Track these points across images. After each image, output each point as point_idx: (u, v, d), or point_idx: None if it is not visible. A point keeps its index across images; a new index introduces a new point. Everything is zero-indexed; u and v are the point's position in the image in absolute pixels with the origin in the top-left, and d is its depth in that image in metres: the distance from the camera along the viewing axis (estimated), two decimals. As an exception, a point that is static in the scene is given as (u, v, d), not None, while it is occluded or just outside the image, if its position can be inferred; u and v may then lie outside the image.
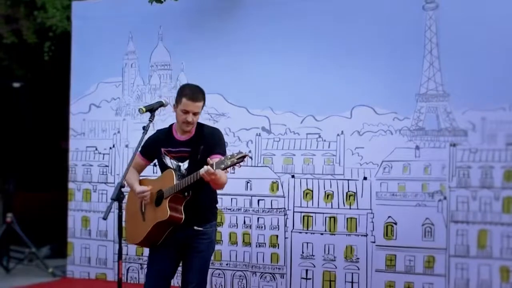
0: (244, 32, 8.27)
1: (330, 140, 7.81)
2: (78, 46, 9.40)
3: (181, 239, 5.35)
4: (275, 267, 8.03)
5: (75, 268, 9.23)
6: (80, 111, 9.28)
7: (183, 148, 5.39)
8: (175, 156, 5.41)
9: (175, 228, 5.32)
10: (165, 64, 8.79)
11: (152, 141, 5.50)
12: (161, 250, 5.47)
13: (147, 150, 5.54)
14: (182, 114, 5.34)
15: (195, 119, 5.36)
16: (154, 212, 5.36)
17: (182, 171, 5.35)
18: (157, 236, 5.37)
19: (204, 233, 5.38)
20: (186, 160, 5.36)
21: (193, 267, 5.32)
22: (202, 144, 5.32)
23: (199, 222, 5.34)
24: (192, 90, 5.40)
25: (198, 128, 5.46)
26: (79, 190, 9.27)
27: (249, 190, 8.12)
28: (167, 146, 5.46)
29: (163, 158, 5.48)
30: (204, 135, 5.40)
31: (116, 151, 9.01)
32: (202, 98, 5.39)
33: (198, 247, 5.34)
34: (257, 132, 8.16)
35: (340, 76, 7.75)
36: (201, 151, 5.30)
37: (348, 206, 7.70)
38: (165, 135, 5.52)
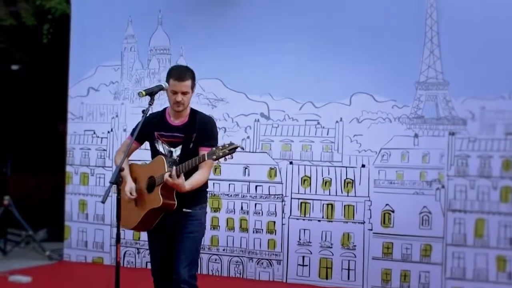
0: (244, 18, 8.25)
1: (329, 127, 7.81)
2: (77, 29, 9.35)
3: (171, 222, 5.35)
4: (272, 253, 8.04)
5: (72, 251, 9.23)
6: (78, 95, 9.25)
7: (176, 134, 5.37)
8: (167, 140, 5.38)
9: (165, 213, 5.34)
10: (164, 49, 8.76)
11: (145, 124, 5.42)
12: (154, 234, 5.51)
13: (139, 133, 5.44)
14: (172, 95, 5.34)
15: (185, 99, 5.31)
16: (146, 198, 5.36)
17: (174, 157, 5.33)
18: (150, 221, 5.39)
19: (194, 215, 5.37)
20: (178, 146, 5.34)
21: (183, 247, 5.30)
22: (195, 132, 5.31)
23: (188, 205, 5.33)
24: (178, 70, 5.42)
25: (191, 114, 5.43)
26: (77, 174, 9.25)
27: (247, 176, 8.12)
28: (160, 129, 5.43)
29: (155, 143, 5.45)
30: (197, 123, 5.37)
31: (114, 135, 8.99)
32: (190, 77, 5.35)
33: (188, 228, 5.33)
34: (255, 118, 8.15)
35: (339, 63, 7.76)
36: (194, 139, 5.29)
37: (346, 194, 7.71)
38: (158, 119, 5.49)
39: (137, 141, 5.54)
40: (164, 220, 5.36)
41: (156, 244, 5.53)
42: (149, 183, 5.35)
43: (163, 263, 5.50)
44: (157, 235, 5.48)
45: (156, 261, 5.57)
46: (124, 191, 5.41)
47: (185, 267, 5.25)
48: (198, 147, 5.22)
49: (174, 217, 5.32)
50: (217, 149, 4.90)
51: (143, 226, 5.48)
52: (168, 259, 5.46)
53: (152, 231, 5.50)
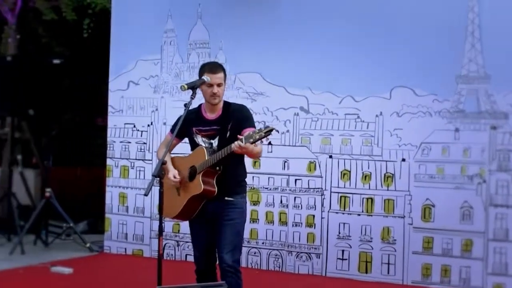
0: (283, 11, 8.24)
1: (369, 121, 7.78)
2: (117, 24, 9.43)
3: (213, 210, 5.44)
4: (311, 247, 8.04)
5: (112, 243, 9.32)
6: (118, 88, 9.32)
7: (213, 127, 5.50)
8: (205, 134, 5.52)
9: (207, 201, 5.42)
10: (203, 43, 8.79)
11: (183, 121, 5.55)
12: (196, 223, 5.62)
13: (178, 130, 5.58)
14: (207, 89, 5.46)
15: (220, 90, 5.46)
16: (188, 187, 5.47)
17: (214, 148, 5.46)
18: (192, 209, 5.48)
19: (235, 203, 5.47)
20: (216, 138, 5.46)
21: (226, 233, 5.41)
22: (231, 121, 5.42)
23: (230, 193, 5.44)
24: (210, 65, 5.62)
25: (225, 106, 5.56)
26: (117, 167, 9.33)
27: (286, 169, 8.13)
28: (198, 125, 5.56)
29: (194, 138, 5.59)
30: (231, 112, 5.51)
31: (154, 128, 9.05)
32: (222, 69, 5.52)
33: (230, 215, 5.43)
34: (295, 111, 8.15)
35: (379, 57, 7.71)
36: (230, 128, 5.39)
37: (386, 188, 7.68)
38: (195, 115, 5.62)
39: (177, 137, 5.68)
40: (205, 208, 5.46)
41: (198, 231, 5.63)
42: (191, 172, 5.45)
43: (205, 250, 5.60)
44: (199, 223, 5.58)
45: (198, 248, 5.66)
46: (168, 178, 5.49)
47: (228, 252, 5.36)
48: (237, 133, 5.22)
49: (215, 205, 5.42)
50: (254, 133, 4.97)
51: (186, 215, 5.58)
52: (210, 247, 5.57)
53: (194, 219, 5.60)
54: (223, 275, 5.40)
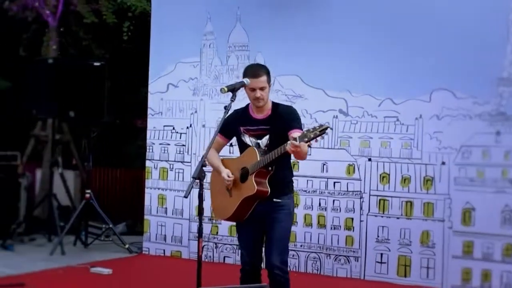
0: (322, 13, 8.23)
1: (408, 124, 7.73)
2: (157, 26, 9.49)
3: (261, 211, 5.48)
4: (349, 250, 8.01)
5: (151, 245, 9.37)
6: (158, 91, 9.38)
7: (261, 126, 5.52)
8: (253, 134, 5.55)
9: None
10: (242, 45, 8.81)
11: (230, 120, 5.62)
12: (245, 224, 5.64)
13: (226, 130, 5.67)
14: (250, 93, 5.49)
15: (264, 94, 5.46)
16: (240, 188, 5.50)
17: (262, 147, 5.48)
18: (245, 211, 5.51)
19: (283, 204, 5.50)
20: (264, 137, 5.48)
21: (274, 236, 5.45)
22: (279, 121, 5.44)
23: (278, 194, 5.46)
24: (252, 68, 5.61)
25: (274, 107, 5.58)
26: (156, 169, 9.38)
27: (325, 172, 8.11)
28: (246, 125, 5.59)
29: (242, 137, 5.62)
30: (280, 113, 5.52)
31: (193, 130, 9.08)
32: (264, 72, 5.50)
33: (278, 217, 5.47)
34: (334, 114, 8.13)
35: (419, 59, 7.66)
36: (279, 128, 5.40)
37: (425, 191, 7.62)
38: (243, 115, 5.66)
39: (225, 137, 5.76)
40: (254, 210, 5.49)
41: (245, 231, 5.67)
42: (242, 173, 5.48)
43: (251, 250, 5.64)
44: (247, 224, 5.61)
45: (244, 248, 5.69)
46: (222, 176, 5.56)
47: (278, 254, 5.41)
48: (285, 133, 5.28)
49: (264, 206, 5.45)
50: (308, 131, 4.97)
51: (239, 216, 5.61)
52: (256, 247, 5.63)
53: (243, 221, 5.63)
54: (271, 277, 5.45)
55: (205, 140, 8.87)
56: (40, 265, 8.47)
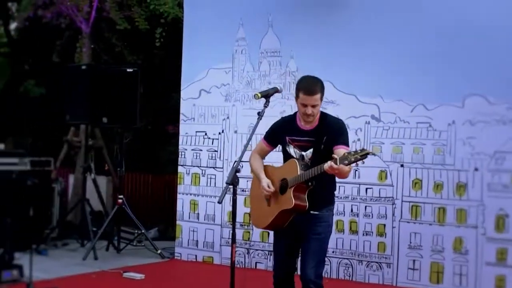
0: (354, 19, 8.23)
1: (441, 130, 7.69)
2: (189, 32, 9.54)
3: (299, 223, 5.44)
4: (381, 256, 7.99)
5: (183, 250, 9.41)
6: (190, 97, 9.42)
7: (307, 138, 5.44)
8: (298, 145, 5.48)
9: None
10: (275, 51, 8.82)
11: (277, 128, 5.61)
12: (282, 234, 5.62)
13: (271, 137, 5.66)
14: (301, 107, 5.40)
15: (314, 111, 5.37)
16: (279, 199, 5.47)
17: (306, 160, 5.43)
18: (281, 222, 5.50)
19: (321, 216, 5.46)
20: (309, 149, 5.42)
21: (310, 249, 5.41)
22: (326, 135, 5.36)
23: (317, 207, 5.41)
24: (308, 84, 5.44)
25: (321, 118, 5.48)
26: (188, 174, 9.42)
27: (357, 178, 8.08)
28: (291, 134, 5.52)
29: (287, 147, 5.56)
30: (327, 126, 5.43)
31: (225, 136, 9.11)
32: (319, 90, 5.39)
33: (316, 230, 5.43)
34: (366, 120, 8.12)
35: (451, 65, 7.63)
36: (324, 142, 5.34)
37: (458, 197, 7.57)
38: (290, 123, 5.59)
39: (270, 144, 5.72)
40: (292, 220, 5.46)
41: (281, 239, 5.64)
42: (282, 185, 5.45)
43: (284, 258, 5.61)
44: (284, 234, 5.58)
45: (279, 256, 5.67)
46: (261, 187, 5.54)
47: (312, 267, 5.36)
48: (330, 148, 5.26)
49: (302, 217, 5.41)
50: (349, 154, 4.93)
51: (274, 226, 5.61)
52: (290, 256, 5.59)
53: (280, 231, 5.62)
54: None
55: (237, 146, 8.91)
56: (73, 269, 8.53)
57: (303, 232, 5.45)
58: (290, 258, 5.60)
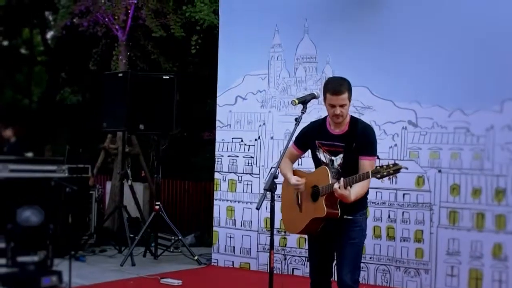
0: (390, 24, 8.20)
1: (479, 135, 7.62)
2: (225, 39, 9.58)
3: (333, 228, 5.44)
4: (419, 263, 7.93)
5: (220, 256, 9.43)
6: (226, 103, 9.45)
7: (336, 143, 5.44)
8: (328, 149, 5.48)
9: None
10: (310, 57, 8.82)
11: (306, 132, 5.62)
12: (316, 240, 5.62)
13: (301, 141, 5.66)
14: (330, 108, 5.42)
15: (343, 111, 5.38)
16: (311, 206, 5.48)
17: (335, 166, 5.43)
18: (314, 228, 5.51)
19: (355, 221, 5.46)
20: (339, 155, 5.43)
21: (346, 254, 5.41)
22: (355, 141, 5.36)
23: (350, 212, 5.41)
24: (334, 84, 5.45)
25: (352, 123, 5.49)
26: (225, 181, 9.44)
27: (394, 184, 7.98)
28: (321, 138, 5.52)
29: (316, 151, 5.57)
30: (357, 132, 5.43)
31: (261, 142, 9.12)
32: (346, 89, 5.39)
33: (350, 235, 5.43)
34: (403, 125, 8.07)
35: (490, 69, 7.56)
36: (354, 148, 5.36)
37: (497, 203, 7.50)
38: (319, 128, 5.58)
39: (300, 149, 5.73)
40: (325, 225, 5.45)
41: (316, 245, 5.65)
42: (313, 192, 5.45)
43: (319, 264, 5.62)
44: (318, 239, 5.59)
45: (314, 262, 5.67)
46: (292, 184, 5.55)
47: (348, 272, 5.36)
48: (358, 156, 5.28)
49: (335, 223, 5.41)
50: (382, 168, 4.99)
51: (307, 232, 5.63)
52: (325, 261, 5.59)
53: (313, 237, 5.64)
54: None
55: (273, 152, 8.91)
56: (111, 275, 8.60)
57: (337, 238, 5.45)
58: (325, 263, 5.60)
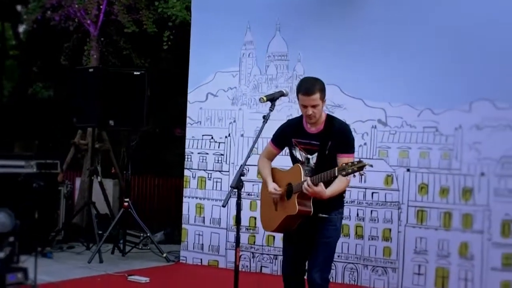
0: (361, 23, 8.21)
1: (448, 134, 7.66)
2: (197, 36, 9.54)
3: (308, 226, 5.45)
4: (387, 261, 7.96)
5: (188, 254, 9.40)
6: (197, 100, 9.42)
7: (312, 141, 5.47)
8: (304, 148, 5.51)
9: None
10: (282, 55, 8.82)
11: (284, 130, 5.65)
12: (291, 238, 5.64)
13: (279, 139, 5.70)
14: (302, 109, 5.45)
15: (315, 111, 5.39)
16: (284, 204, 5.50)
17: (311, 164, 5.46)
18: (289, 226, 5.52)
19: (330, 220, 5.47)
20: (314, 153, 5.45)
21: (318, 252, 5.43)
22: (331, 139, 5.39)
23: (325, 210, 5.42)
24: (306, 85, 5.45)
25: (327, 122, 5.50)
26: (194, 178, 9.42)
27: (363, 182, 8.06)
28: (297, 137, 5.55)
29: (293, 149, 5.60)
30: (333, 130, 5.44)
31: (231, 140, 9.11)
32: (318, 89, 5.39)
33: (324, 233, 5.45)
34: (373, 124, 8.10)
35: (458, 69, 7.59)
36: (329, 147, 5.37)
37: (464, 202, 7.54)
38: (296, 126, 5.61)
39: (277, 147, 5.77)
40: (300, 224, 5.46)
41: (291, 245, 5.65)
42: (288, 190, 5.47)
43: (293, 261, 5.62)
44: (292, 237, 5.61)
45: (289, 259, 5.67)
46: (269, 191, 5.56)
47: (319, 271, 5.38)
48: (335, 154, 5.33)
49: (311, 221, 5.42)
50: (347, 165, 5.00)
51: (283, 229, 5.65)
52: (298, 259, 5.59)
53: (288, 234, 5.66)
54: None
55: (244, 150, 8.90)
56: (79, 272, 8.53)
57: (312, 235, 5.46)
58: (300, 260, 5.59)
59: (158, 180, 13.05)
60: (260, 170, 5.79)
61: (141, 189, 13.06)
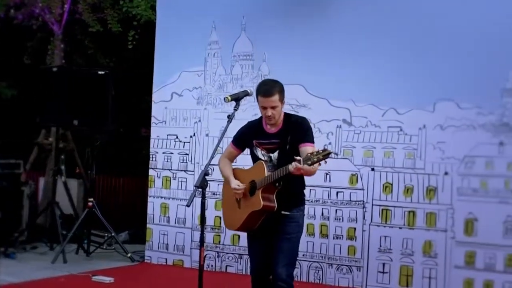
0: (327, 23, 8.24)
1: (412, 134, 7.72)
2: (162, 35, 9.53)
3: (271, 223, 5.46)
4: (352, 260, 8.00)
5: (153, 253, 9.37)
6: (162, 100, 9.40)
7: (273, 140, 5.51)
8: (265, 147, 5.54)
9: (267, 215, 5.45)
10: (247, 54, 8.83)
11: (244, 132, 5.69)
12: (254, 235, 5.66)
13: (239, 140, 5.73)
14: (262, 110, 5.50)
15: (274, 113, 5.43)
16: (248, 201, 5.51)
17: (273, 161, 5.48)
18: (253, 223, 5.52)
19: (292, 217, 5.49)
20: (276, 151, 5.47)
21: (281, 249, 5.44)
22: (290, 134, 5.42)
23: (287, 207, 5.43)
24: (265, 86, 5.51)
25: (286, 119, 5.55)
26: (159, 177, 9.39)
27: (328, 182, 8.10)
28: (258, 138, 5.59)
29: (254, 150, 5.63)
30: (291, 125, 5.49)
31: (196, 139, 9.10)
32: (277, 91, 5.45)
33: (286, 230, 5.46)
34: (337, 124, 8.13)
35: (423, 70, 7.66)
36: (289, 141, 5.40)
37: (428, 201, 7.61)
38: (256, 127, 5.65)
39: (238, 147, 5.81)
40: (263, 221, 5.48)
41: (255, 243, 5.67)
42: (251, 187, 5.48)
43: (259, 262, 5.63)
44: (256, 235, 5.62)
45: (254, 259, 5.70)
46: (232, 188, 5.57)
47: (283, 266, 5.39)
48: (296, 146, 5.34)
49: (273, 218, 5.43)
50: (312, 155, 4.97)
51: (246, 228, 5.65)
52: (266, 258, 5.57)
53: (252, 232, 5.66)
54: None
55: (209, 149, 8.89)
56: (42, 273, 8.46)
57: (274, 233, 5.47)
58: (266, 258, 5.58)
59: (123, 179, 12.99)
60: (221, 169, 5.81)
61: (106, 188, 12.98)
